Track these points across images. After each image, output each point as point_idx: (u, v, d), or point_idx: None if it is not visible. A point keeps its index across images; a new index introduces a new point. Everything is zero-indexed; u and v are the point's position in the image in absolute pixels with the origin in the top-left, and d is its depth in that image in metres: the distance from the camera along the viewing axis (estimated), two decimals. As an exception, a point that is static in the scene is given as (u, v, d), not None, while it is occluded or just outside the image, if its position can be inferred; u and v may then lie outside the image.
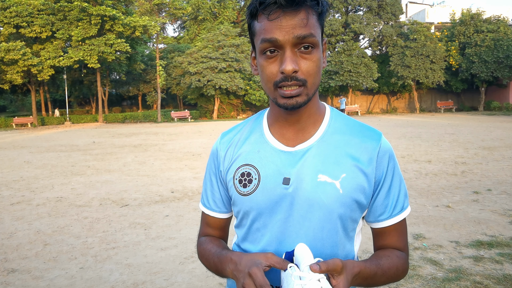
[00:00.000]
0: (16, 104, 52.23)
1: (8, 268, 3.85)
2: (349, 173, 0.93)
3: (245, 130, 1.06)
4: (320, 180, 0.93)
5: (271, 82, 0.89)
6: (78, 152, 13.10)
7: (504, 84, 31.90)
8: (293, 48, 0.87)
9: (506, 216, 4.97)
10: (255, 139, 1.02)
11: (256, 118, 1.08)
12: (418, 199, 5.92)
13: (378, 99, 35.82)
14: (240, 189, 0.99)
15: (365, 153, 0.95)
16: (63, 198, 6.68)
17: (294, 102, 0.89)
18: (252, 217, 0.99)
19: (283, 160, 0.96)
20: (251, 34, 0.94)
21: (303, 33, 0.85)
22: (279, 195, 0.95)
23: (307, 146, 0.96)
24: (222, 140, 1.08)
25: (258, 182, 0.97)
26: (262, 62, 0.90)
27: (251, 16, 0.91)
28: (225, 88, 30.34)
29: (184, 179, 8.02)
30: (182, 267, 3.76)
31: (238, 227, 1.06)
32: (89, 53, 28.83)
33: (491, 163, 8.70)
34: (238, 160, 1.01)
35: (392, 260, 0.96)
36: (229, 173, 1.02)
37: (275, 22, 0.85)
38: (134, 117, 33.66)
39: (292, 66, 0.85)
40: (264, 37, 0.87)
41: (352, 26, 31.73)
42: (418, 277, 3.36)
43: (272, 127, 1.02)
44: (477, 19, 31.44)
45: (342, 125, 1.00)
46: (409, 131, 17.07)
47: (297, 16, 0.85)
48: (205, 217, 1.13)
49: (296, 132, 0.98)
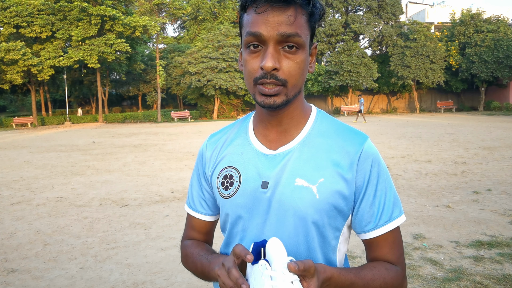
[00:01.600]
0: (16, 104, 52.23)
1: (8, 268, 3.85)
2: (328, 178, 0.89)
3: (232, 131, 1.04)
4: (297, 184, 0.89)
5: (251, 78, 0.87)
6: (78, 152, 13.10)
7: (504, 84, 31.90)
8: (277, 45, 0.84)
9: (506, 216, 4.97)
10: (240, 141, 1.00)
11: (243, 119, 1.06)
12: (418, 199, 5.92)
13: (378, 99, 35.81)
14: (222, 191, 0.97)
15: (346, 157, 0.90)
16: (63, 198, 6.68)
17: (272, 101, 0.86)
18: (232, 221, 0.97)
19: (263, 163, 0.93)
20: (240, 26, 0.91)
21: (288, 31, 0.82)
22: (257, 198, 0.92)
23: (288, 149, 0.93)
24: (209, 142, 1.06)
25: (238, 185, 0.95)
26: (246, 57, 0.87)
27: (241, 8, 0.89)
28: (225, 88, 30.34)
29: (184, 179, 8.02)
30: (182, 267, 3.76)
31: (223, 231, 1.04)
32: (89, 53, 28.84)
33: (491, 163, 8.70)
34: (222, 162, 1.00)
35: (378, 272, 0.89)
36: (214, 175, 1.01)
37: (261, 16, 0.83)
38: (134, 117, 33.67)
39: (272, 63, 0.82)
40: (249, 30, 0.84)
41: (352, 26, 31.73)
42: (418, 277, 3.36)
43: (256, 128, 0.99)
44: (477, 19, 31.44)
45: (327, 128, 0.96)
46: (409, 131, 17.07)
47: (285, 13, 0.83)
48: (190, 219, 1.10)
49: (279, 134, 0.95)
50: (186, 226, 1.13)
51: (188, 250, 1.05)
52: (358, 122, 23.70)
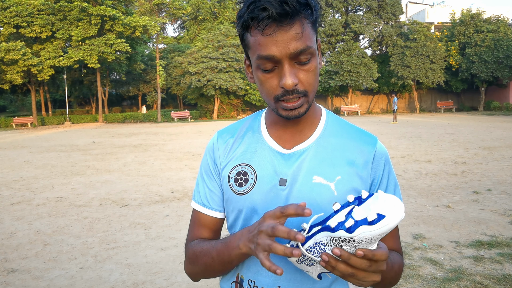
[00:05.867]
0: (16, 104, 52.21)
1: (8, 268, 3.85)
2: (344, 176, 0.93)
3: (242, 129, 1.05)
4: (315, 181, 0.92)
5: (271, 96, 0.88)
6: (78, 152, 13.10)
7: (504, 84, 31.90)
8: (291, 61, 0.84)
9: (506, 216, 4.97)
10: (252, 139, 1.01)
11: (254, 118, 1.07)
12: (418, 199, 5.92)
13: (378, 99, 35.82)
14: (235, 188, 0.97)
15: (360, 156, 0.95)
16: (63, 198, 6.68)
17: (297, 113, 0.89)
18: (246, 217, 0.97)
19: (280, 161, 0.95)
20: (245, 45, 0.90)
21: (300, 48, 0.83)
22: (274, 195, 0.94)
23: (304, 148, 0.96)
24: (220, 137, 1.05)
25: (254, 181, 0.96)
26: (260, 76, 0.88)
27: (243, 27, 0.87)
28: (225, 88, 30.34)
29: (184, 179, 8.02)
30: (182, 267, 3.76)
31: (231, 228, 1.03)
32: (89, 53, 28.83)
33: (491, 163, 8.70)
34: (235, 159, 1.00)
35: (396, 256, 0.96)
36: (225, 172, 1.00)
37: (269, 38, 0.82)
38: (134, 117, 33.66)
39: (292, 80, 0.84)
40: (260, 54, 0.84)
41: (352, 26, 31.73)
42: (418, 277, 3.36)
43: (270, 128, 1.01)
44: (477, 19, 31.44)
45: (338, 128, 1.00)
46: (409, 131, 17.06)
47: (292, 29, 0.82)
48: (199, 217, 1.05)
49: (293, 134, 0.98)
50: (193, 226, 1.07)
51: (196, 247, 1.00)
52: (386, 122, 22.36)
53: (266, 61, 0.84)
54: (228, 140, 1.03)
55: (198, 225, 1.05)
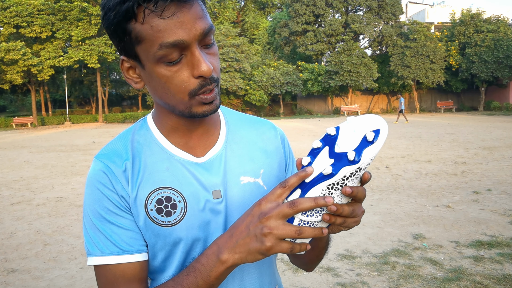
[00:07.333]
0: (16, 104, 52.25)
1: (8, 268, 3.85)
2: (265, 167, 0.89)
3: (133, 147, 0.83)
4: (243, 182, 0.85)
5: (184, 93, 0.72)
6: (78, 152, 13.10)
7: (504, 84, 31.90)
8: (199, 44, 0.71)
9: (506, 216, 4.97)
10: (154, 156, 0.82)
11: (139, 131, 0.86)
12: (418, 199, 5.92)
13: (378, 99, 35.81)
14: (161, 220, 0.78)
15: (270, 143, 0.92)
16: (63, 198, 6.68)
17: (215, 106, 0.76)
18: (187, 248, 0.81)
19: (202, 173, 0.82)
20: (129, 41, 0.71)
21: (206, 26, 0.70)
22: (212, 212, 0.81)
23: (219, 150, 0.85)
24: (110, 164, 0.80)
25: (185, 205, 0.79)
26: (165, 72, 0.71)
27: (124, 17, 0.68)
28: (225, 88, 30.35)
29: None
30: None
31: (162, 271, 0.83)
32: (89, 53, 28.85)
33: (491, 163, 8.70)
34: (145, 186, 0.79)
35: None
36: (137, 204, 0.79)
37: (172, 20, 0.67)
38: (134, 117, 33.69)
39: (208, 66, 0.70)
40: (164, 41, 0.68)
41: (352, 26, 31.73)
42: (418, 277, 3.36)
43: (170, 137, 0.83)
44: (477, 19, 31.45)
45: (237, 119, 0.93)
46: (409, 131, 17.06)
47: (194, 7, 0.69)
48: (122, 271, 0.77)
49: (199, 138, 0.84)
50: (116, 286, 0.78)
51: None
52: (399, 122, 22.31)
53: (172, 50, 0.68)
54: (124, 164, 0.80)
55: (123, 284, 0.77)
